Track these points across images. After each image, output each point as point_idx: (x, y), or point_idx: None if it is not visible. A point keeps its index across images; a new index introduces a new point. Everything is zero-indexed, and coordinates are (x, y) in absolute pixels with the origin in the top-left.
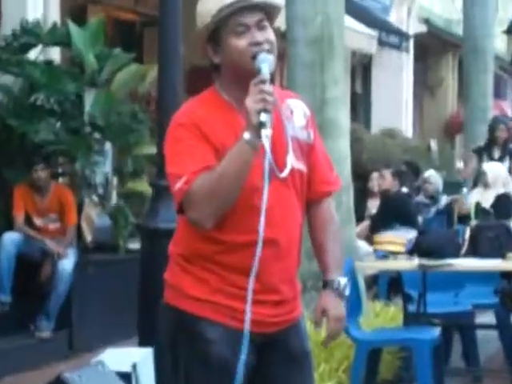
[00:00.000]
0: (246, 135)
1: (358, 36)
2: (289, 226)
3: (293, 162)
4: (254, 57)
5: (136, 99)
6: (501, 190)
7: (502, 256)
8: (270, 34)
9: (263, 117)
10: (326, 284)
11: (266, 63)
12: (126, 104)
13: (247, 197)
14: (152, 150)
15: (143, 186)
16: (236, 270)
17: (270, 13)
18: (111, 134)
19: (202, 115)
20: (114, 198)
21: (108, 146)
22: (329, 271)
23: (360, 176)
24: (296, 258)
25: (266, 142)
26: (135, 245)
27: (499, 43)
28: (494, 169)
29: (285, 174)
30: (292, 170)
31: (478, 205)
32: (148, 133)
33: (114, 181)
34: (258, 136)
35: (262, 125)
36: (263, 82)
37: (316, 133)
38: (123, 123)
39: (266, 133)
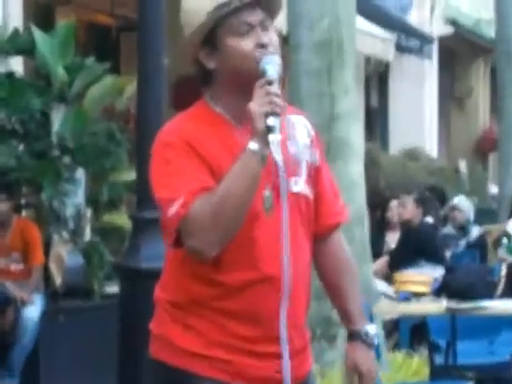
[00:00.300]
0: (252, 144)
1: (372, 40)
2: (296, 261)
3: (299, 186)
4: (259, 62)
5: (112, 117)
6: None
7: None
8: (273, 35)
9: (271, 121)
10: (353, 335)
11: (272, 64)
12: (101, 123)
13: (246, 226)
14: (131, 176)
15: (122, 219)
16: (237, 317)
17: (272, 12)
18: (83, 157)
19: (193, 132)
20: (87, 234)
21: (80, 172)
22: (354, 320)
23: (377, 205)
24: (305, 300)
25: (276, 150)
26: (113, 288)
27: None
28: None
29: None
30: (298, 196)
31: None
32: (126, 156)
33: (88, 213)
34: (266, 144)
35: (269, 130)
36: (270, 83)
37: (322, 155)
38: (97, 145)
39: (275, 138)
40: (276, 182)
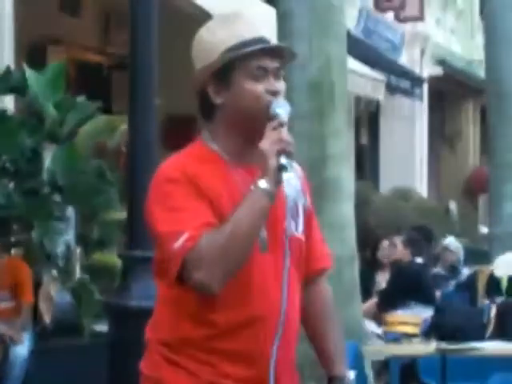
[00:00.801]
0: (262, 183)
1: (363, 80)
2: (290, 302)
3: (293, 228)
4: (268, 107)
5: (104, 156)
6: None
7: None
8: (283, 86)
9: (283, 160)
10: (334, 381)
11: (283, 108)
12: (92, 161)
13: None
14: (122, 214)
15: (112, 258)
16: (229, 358)
17: (285, 61)
18: (74, 196)
19: (194, 169)
20: (77, 272)
21: (70, 210)
22: (336, 365)
23: (367, 244)
24: (295, 343)
25: (290, 188)
26: (102, 327)
27: None
28: None
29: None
30: (291, 239)
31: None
32: (117, 195)
33: (78, 252)
34: (276, 183)
35: (282, 168)
36: (281, 125)
37: (310, 198)
38: (88, 184)
39: (289, 177)
40: (272, 223)
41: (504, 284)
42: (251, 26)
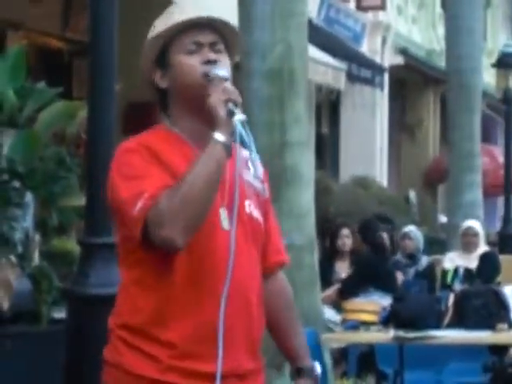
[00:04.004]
0: (217, 135)
1: (324, 69)
2: (249, 280)
3: (251, 208)
4: (206, 75)
5: (63, 142)
6: (484, 249)
7: (492, 327)
8: (224, 60)
9: (232, 106)
10: (302, 372)
11: (223, 69)
12: (52, 148)
13: (204, 240)
14: (81, 201)
15: (71, 244)
16: (190, 337)
17: (226, 37)
18: (33, 182)
19: (154, 142)
20: (36, 258)
21: (29, 196)
22: (301, 356)
23: (327, 233)
24: (258, 319)
25: (242, 127)
26: (61, 314)
27: (488, 78)
28: (477, 226)
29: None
30: (252, 218)
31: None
32: (77, 181)
33: (37, 238)
34: (230, 133)
35: (232, 114)
36: (225, 80)
37: (269, 191)
38: (48, 170)
39: (240, 118)
40: (230, 202)
41: (449, 276)
42: (187, 12)
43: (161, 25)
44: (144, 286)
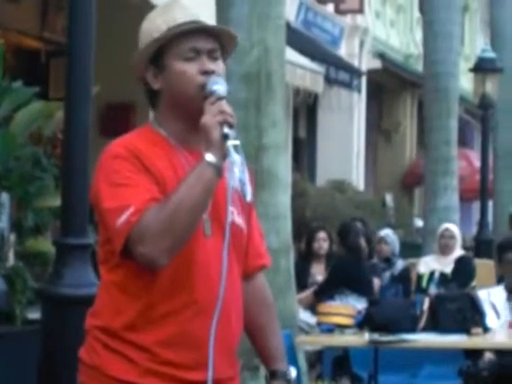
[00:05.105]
0: (208, 156)
1: (301, 72)
2: (230, 287)
3: (234, 216)
4: (203, 87)
5: (40, 142)
6: (460, 253)
7: (467, 331)
8: (220, 67)
9: (226, 129)
10: (276, 375)
11: (220, 85)
12: (28, 148)
13: (185, 248)
14: (57, 202)
15: (46, 245)
16: (170, 344)
17: (224, 44)
18: (9, 182)
19: (141, 148)
20: (10, 259)
21: (5, 196)
22: (276, 359)
23: (303, 236)
24: (236, 328)
25: (236, 153)
26: (35, 314)
27: (465, 83)
28: (455, 229)
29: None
30: (235, 226)
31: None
32: (53, 182)
33: (12, 238)
34: (222, 156)
35: (226, 137)
36: (220, 99)
37: (253, 193)
38: (23, 170)
39: (233, 143)
40: (215, 208)
41: (425, 280)
42: (186, 11)
43: (159, 21)
44: (124, 290)
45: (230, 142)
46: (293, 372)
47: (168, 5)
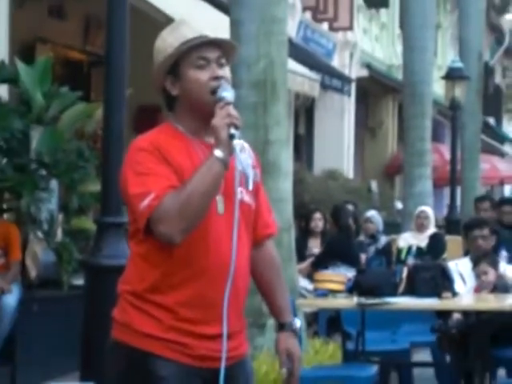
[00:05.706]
0: (217, 152)
1: (301, 79)
2: (240, 255)
3: (243, 194)
4: (214, 91)
5: (83, 137)
6: (433, 230)
7: (438, 295)
8: (227, 72)
9: (233, 130)
10: (284, 326)
11: (228, 91)
12: (73, 142)
13: (202, 223)
14: (97, 187)
15: (88, 223)
16: (188, 304)
17: (227, 52)
18: (57, 171)
19: (162, 141)
20: (59, 235)
21: (54, 183)
22: (284, 313)
23: (302, 216)
24: (244, 290)
25: (239, 152)
26: (79, 281)
27: (438, 89)
28: (429, 210)
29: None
30: (244, 204)
31: (410, 247)
32: (94, 170)
33: (60, 217)
34: (229, 152)
35: (232, 137)
36: (228, 104)
37: (260, 174)
38: (69, 161)
39: (238, 143)
40: (227, 190)
41: (404, 253)
42: (192, 28)
43: (171, 39)
44: (148, 260)
45: (236, 141)
46: (298, 322)
47: (175, 25)
